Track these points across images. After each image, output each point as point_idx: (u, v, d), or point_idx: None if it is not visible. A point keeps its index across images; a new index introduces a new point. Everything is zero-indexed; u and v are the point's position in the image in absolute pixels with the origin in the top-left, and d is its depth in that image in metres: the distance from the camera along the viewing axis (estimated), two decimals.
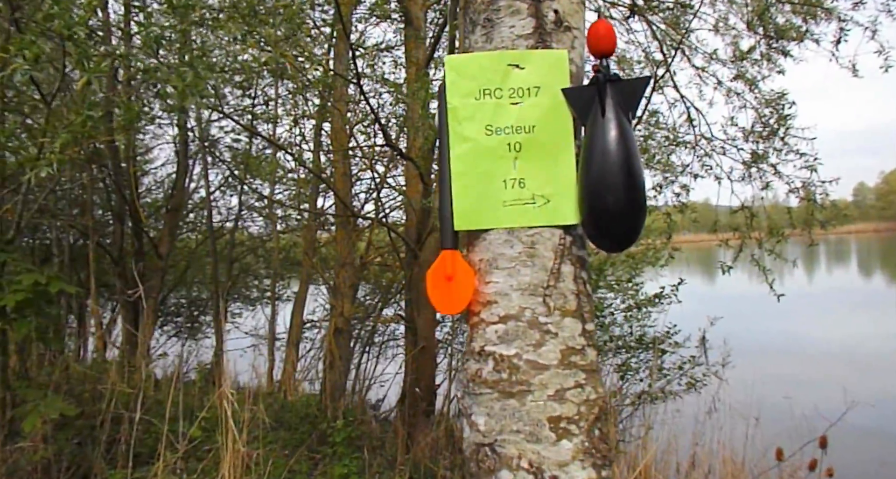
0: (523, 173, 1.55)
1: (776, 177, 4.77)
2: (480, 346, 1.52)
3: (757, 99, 4.85)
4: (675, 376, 5.83)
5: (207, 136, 8.77)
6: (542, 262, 1.51)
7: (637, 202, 1.45)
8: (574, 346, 1.49)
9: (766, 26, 4.58)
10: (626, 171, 1.44)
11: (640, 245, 6.73)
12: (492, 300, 1.52)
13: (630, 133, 1.47)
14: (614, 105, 1.48)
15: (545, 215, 1.53)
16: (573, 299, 1.51)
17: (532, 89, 1.55)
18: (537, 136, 1.55)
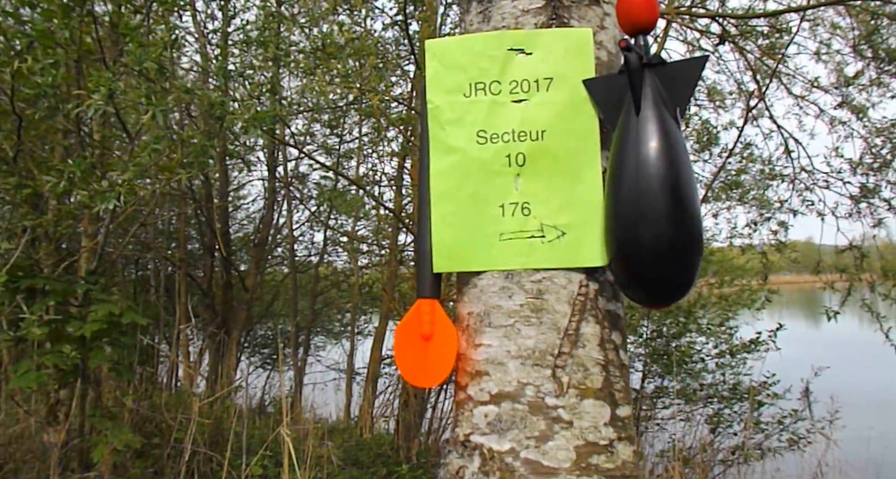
0: (528, 196, 1.15)
1: (891, 213, 4.34)
2: (466, 434, 1.13)
3: (866, 128, 4.49)
4: (774, 431, 5.31)
5: (295, 173, 9.06)
6: (552, 319, 1.11)
7: (687, 237, 1.05)
8: (597, 441, 1.07)
9: (875, 49, 4.23)
10: (671, 192, 1.03)
11: (736, 286, 6.31)
12: (482, 371, 1.13)
13: (678, 138, 1.06)
14: (654, 99, 1.07)
15: (559, 254, 1.13)
16: (598, 373, 1.10)
17: (542, 82, 1.16)
18: (549, 144, 1.15)
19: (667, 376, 5.89)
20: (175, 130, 5.05)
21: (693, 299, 6.21)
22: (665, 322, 6.10)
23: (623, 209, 1.06)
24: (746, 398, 5.48)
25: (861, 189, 4.47)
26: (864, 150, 4.48)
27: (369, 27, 4.63)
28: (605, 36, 1.21)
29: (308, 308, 9.75)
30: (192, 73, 6.13)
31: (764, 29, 4.73)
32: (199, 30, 5.81)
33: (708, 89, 5.86)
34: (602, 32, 1.21)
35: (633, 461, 1.11)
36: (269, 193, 8.65)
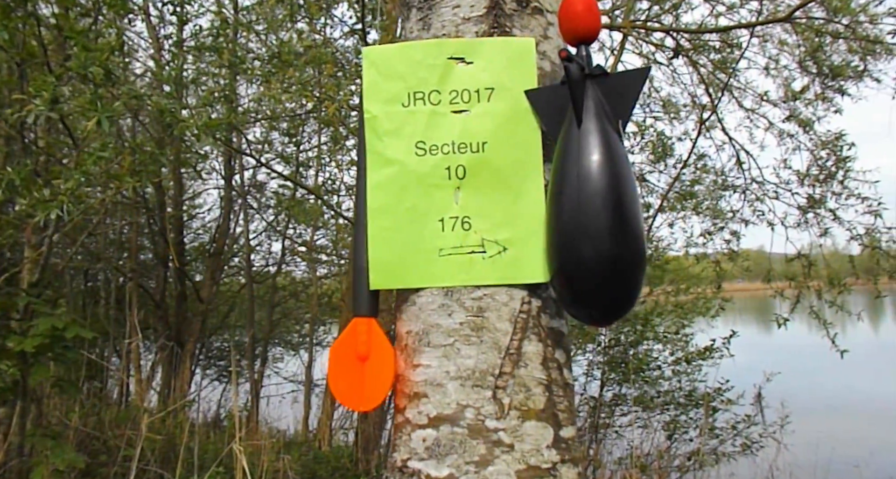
0: (469, 210, 1.11)
1: (836, 223, 4.48)
2: (403, 459, 1.07)
3: (812, 140, 4.63)
4: (728, 436, 5.42)
5: (253, 182, 8.92)
6: (493, 337, 1.06)
7: (630, 254, 1.01)
8: (539, 464, 1.03)
9: (820, 65, 4.38)
10: (614, 207, 0.99)
11: (691, 294, 6.42)
12: (420, 393, 1.08)
13: (620, 151, 1.03)
14: (596, 111, 1.04)
15: (500, 270, 1.09)
16: (540, 394, 1.06)
17: (483, 92, 1.13)
18: (490, 156, 1.11)
19: (624, 383, 5.95)
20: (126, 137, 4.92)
21: (650, 307, 6.31)
22: (623, 330, 6.17)
23: (564, 225, 1.03)
24: (702, 405, 5.58)
25: (808, 200, 4.61)
26: (810, 162, 4.64)
27: (328, 36, 4.60)
28: (548, 46, 1.19)
29: (265, 319, 9.58)
30: (145, 79, 5.99)
31: (716, 44, 4.86)
32: (153, 34, 5.68)
33: (663, 101, 5.98)
34: (545, 42, 1.19)
35: None
36: (225, 202, 8.50)
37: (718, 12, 4.85)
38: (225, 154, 7.55)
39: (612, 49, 5.56)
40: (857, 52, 4.34)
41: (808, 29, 4.31)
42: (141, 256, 8.58)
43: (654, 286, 6.34)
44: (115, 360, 8.06)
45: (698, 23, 4.77)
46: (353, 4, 3.83)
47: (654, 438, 5.60)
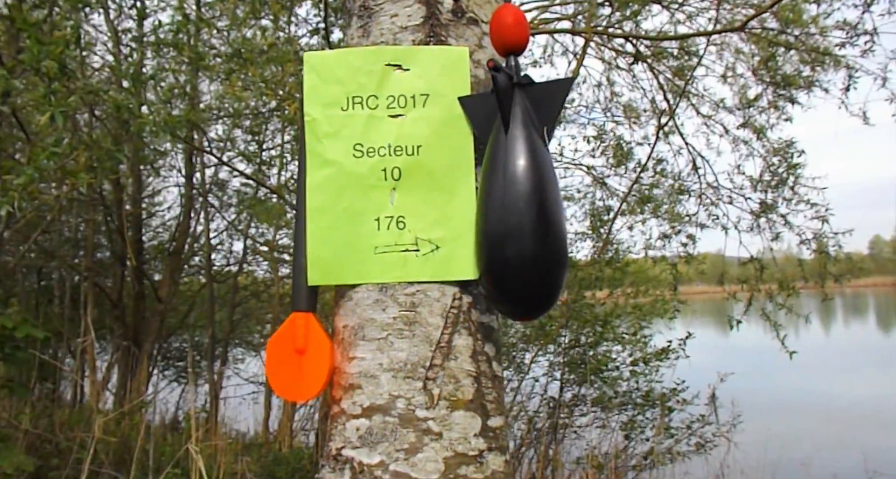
0: (404, 210, 1.17)
1: (786, 228, 4.63)
2: (338, 448, 1.13)
3: (765, 147, 4.77)
4: (683, 435, 5.54)
5: (214, 180, 8.79)
6: (425, 331, 1.12)
7: (551, 253, 1.07)
8: (466, 452, 1.09)
9: (772, 74, 4.52)
10: (537, 209, 1.05)
11: (650, 296, 6.53)
12: (355, 384, 1.13)
13: (545, 156, 1.09)
14: (523, 118, 1.10)
15: (433, 267, 1.15)
16: (469, 385, 1.12)
17: (419, 97, 1.18)
18: (424, 159, 1.17)
19: (584, 384, 6.03)
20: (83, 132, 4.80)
21: (610, 309, 6.40)
22: (583, 332, 6.25)
23: (491, 225, 1.08)
24: (658, 405, 5.69)
25: (761, 205, 4.75)
26: (763, 168, 4.78)
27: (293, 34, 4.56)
28: (483, 55, 1.24)
29: (226, 319, 9.44)
30: (103, 73, 5.86)
31: (674, 51, 4.97)
32: (112, 28, 5.56)
33: (624, 106, 6.10)
34: (480, 51, 1.24)
35: (503, 471, 1.12)
36: (185, 200, 8.35)
37: (678, 20, 4.98)
38: (185, 151, 7.42)
39: (574, 53, 5.65)
40: (807, 62, 4.49)
41: (762, 39, 4.45)
42: (98, 254, 8.39)
43: (613, 288, 6.44)
44: (69, 361, 7.86)
45: (658, 30, 4.88)
46: (316, 3, 3.83)
47: (611, 438, 5.69)
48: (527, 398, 6.39)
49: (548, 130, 1.12)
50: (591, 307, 6.19)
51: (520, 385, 6.33)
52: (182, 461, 3.97)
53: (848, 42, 3.95)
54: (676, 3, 4.88)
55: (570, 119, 6.52)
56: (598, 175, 5.98)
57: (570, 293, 6.20)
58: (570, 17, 5.14)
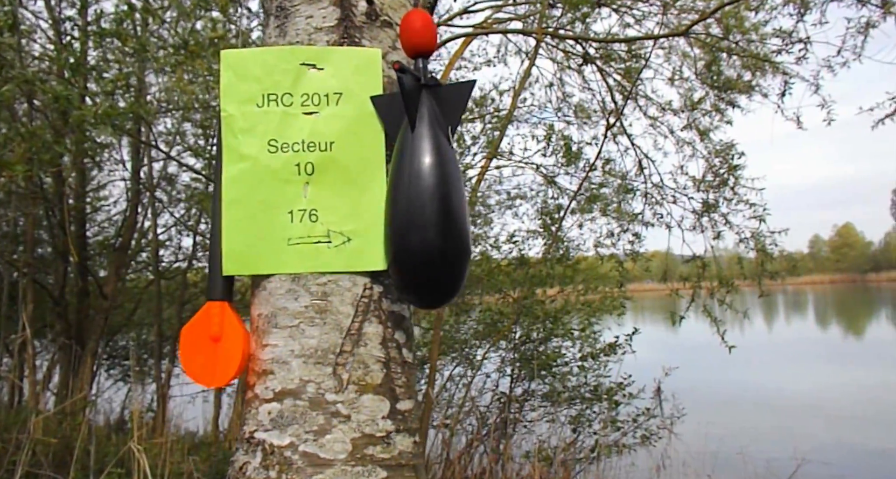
0: (316, 203, 1.22)
1: (727, 227, 4.79)
2: (251, 431, 1.18)
3: (708, 149, 4.92)
4: (629, 428, 5.69)
5: (163, 174, 8.59)
6: (335, 319, 1.17)
7: (454, 245, 1.12)
8: (374, 433, 1.15)
9: (714, 78, 4.67)
10: (440, 203, 1.11)
11: (600, 292, 6.67)
12: (268, 370, 1.18)
13: (449, 154, 1.16)
14: (429, 118, 1.16)
15: (344, 258, 1.20)
16: (378, 370, 1.18)
17: (332, 96, 1.24)
18: (336, 155, 1.23)
19: (534, 379, 6.13)
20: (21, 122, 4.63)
21: (560, 305, 6.51)
22: (534, 328, 6.35)
23: (396, 218, 1.14)
24: (605, 399, 5.82)
25: (703, 205, 4.91)
26: (706, 169, 4.94)
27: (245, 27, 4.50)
28: (397, 56, 1.30)
29: (175, 317, 9.24)
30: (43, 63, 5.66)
31: (623, 54, 5.09)
32: (53, 16, 5.37)
33: (575, 107, 6.20)
34: (394, 53, 1.30)
35: (412, 451, 1.19)
36: (132, 194, 8.14)
37: (626, 23, 5.10)
38: (132, 145, 7.23)
39: (526, 53, 5.72)
40: (748, 68, 4.65)
41: (706, 44, 4.59)
42: (38, 249, 8.10)
43: (564, 285, 6.56)
44: (7, 360, 7.58)
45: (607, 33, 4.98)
46: None
47: (560, 431, 5.80)
48: (479, 394, 6.46)
49: (452, 129, 1.19)
50: (542, 304, 6.29)
51: (471, 382, 6.39)
52: (126, 461, 3.89)
53: (784, 49, 4.12)
54: (625, 6, 4.99)
55: (522, 118, 6.61)
56: (549, 174, 6.07)
57: (521, 290, 6.29)
58: (523, 17, 5.21)
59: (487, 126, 6.44)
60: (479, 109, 6.57)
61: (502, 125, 5.58)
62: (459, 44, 5.66)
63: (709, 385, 12.62)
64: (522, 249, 6.47)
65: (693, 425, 5.67)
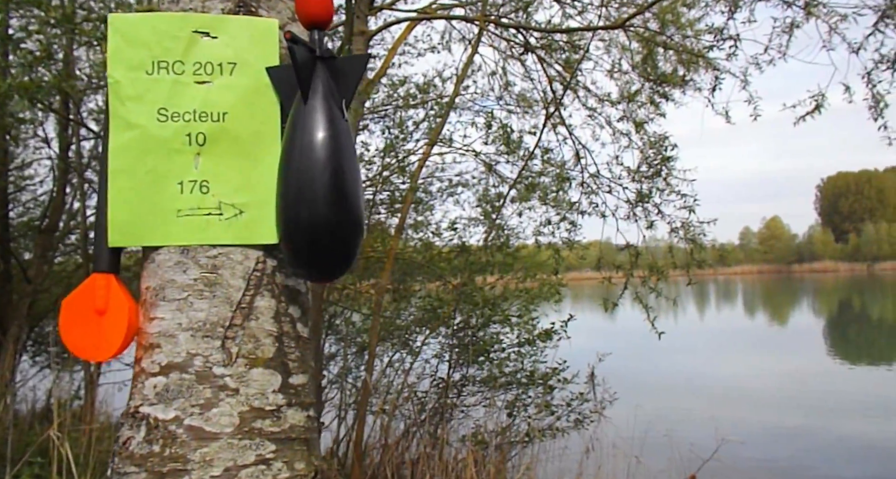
0: (208, 175, 1.19)
1: (659, 217, 4.94)
2: (136, 406, 1.16)
3: (643, 140, 5.06)
4: (563, 412, 5.83)
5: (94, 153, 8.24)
6: (226, 292, 1.16)
7: (344, 219, 1.12)
8: (263, 406, 1.14)
9: (651, 71, 4.79)
10: (332, 177, 1.10)
11: (538, 280, 6.78)
12: (155, 343, 1.16)
13: (342, 127, 1.14)
14: (323, 90, 1.15)
15: (236, 231, 1.19)
16: (270, 344, 1.17)
17: (226, 66, 1.21)
18: (230, 126, 1.20)
19: (473, 365, 6.20)
20: None
21: (499, 292, 6.59)
22: (473, 314, 6.41)
23: (287, 191, 1.13)
24: (541, 384, 5.95)
25: (637, 195, 5.05)
26: (640, 160, 5.08)
27: None
28: (296, 28, 1.28)
29: None
30: None
31: (563, 44, 5.16)
32: None
33: (517, 96, 6.26)
34: (293, 24, 1.28)
35: (304, 425, 1.19)
36: (59, 174, 7.78)
37: (568, 14, 5.16)
38: (59, 122, 6.90)
39: (469, 40, 5.73)
40: (683, 62, 4.79)
41: (644, 39, 4.70)
42: None
43: (504, 273, 6.64)
44: None
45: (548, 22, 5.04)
46: None
47: (497, 416, 5.90)
48: (418, 380, 6.49)
49: (346, 103, 1.18)
50: (482, 291, 6.35)
51: (410, 367, 6.41)
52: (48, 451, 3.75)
53: (715, 45, 4.26)
54: None
55: (465, 106, 6.62)
56: (489, 161, 6.12)
57: (461, 277, 6.34)
58: (466, 4, 5.21)
59: (430, 113, 6.43)
60: (423, 96, 6.55)
61: (444, 112, 5.58)
62: (403, 28, 5.63)
63: (641, 371, 13.09)
64: (463, 236, 6.52)
65: (624, 409, 5.87)
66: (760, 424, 9.51)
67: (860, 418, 10.01)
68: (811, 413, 10.38)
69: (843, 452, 8.26)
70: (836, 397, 11.59)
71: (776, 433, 9.05)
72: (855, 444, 8.61)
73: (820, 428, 9.50)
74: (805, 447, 8.46)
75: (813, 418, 10.09)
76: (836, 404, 11.06)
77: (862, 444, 8.61)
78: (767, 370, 14.83)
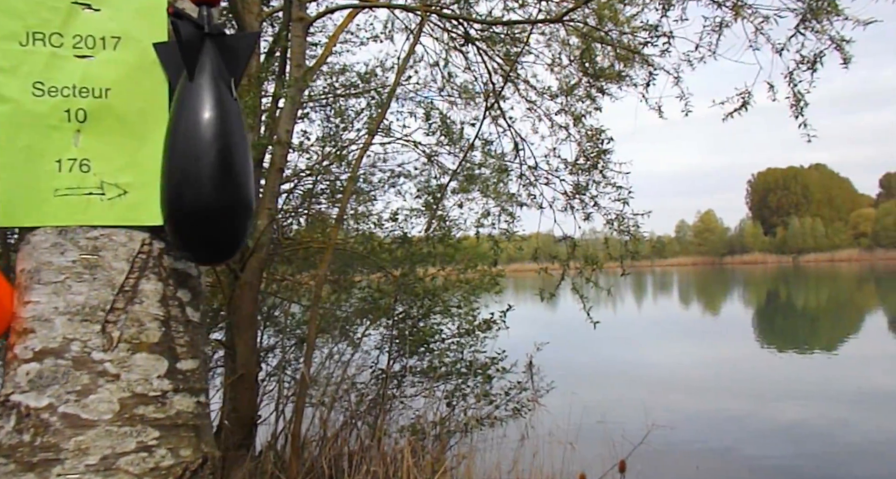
0: (89, 153, 1.14)
1: (595, 209, 5.04)
2: (6, 394, 1.12)
3: (581, 134, 5.13)
4: (502, 402, 5.91)
5: None
6: (107, 275, 1.12)
7: (231, 200, 1.09)
8: (146, 392, 1.11)
9: (589, 65, 4.87)
10: (218, 157, 1.07)
11: (477, 272, 6.83)
12: (29, 328, 1.12)
13: (230, 107, 1.11)
14: (210, 68, 1.11)
15: (118, 212, 1.14)
16: (156, 329, 1.14)
17: (109, 40, 1.15)
18: (113, 103, 1.15)
19: (412, 356, 6.21)
20: None
21: (440, 283, 6.61)
22: (415, 305, 6.41)
23: (171, 172, 1.09)
24: (480, 374, 6.01)
25: (574, 187, 5.13)
26: (578, 153, 5.16)
27: None
28: (186, 4, 1.24)
29: None
30: None
31: (504, 37, 5.18)
32: None
33: (459, 88, 6.26)
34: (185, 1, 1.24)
35: (193, 411, 1.16)
36: None
37: (510, 7, 5.18)
38: None
39: (412, 30, 5.69)
40: (620, 58, 4.89)
41: (581, 33, 4.77)
42: None
43: (445, 264, 6.66)
44: None
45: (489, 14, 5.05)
46: None
47: (437, 406, 5.93)
48: (358, 372, 6.46)
49: (235, 81, 1.14)
50: (423, 282, 6.36)
51: (350, 359, 6.37)
52: None
53: (650, 42, 4.36)
54: None
55: (407, 96, 6.59)
56: (430, 152, 6.12)
57: (402, 268, 6.32)
58: None
59: (372, 102, 6.37)
60: (364, 86, 6.48)
61: (385, 102, 5.53)
62: (345, 16, 5.54)
63: (578, 360, 13.40)
64: (405, 227, 6.50)
65: (560, 397, 5.99)
66: (690, 409, 9.92)
67: (785, 401, 10.54)
68: (739, 398, 10.86)
69: (768, 434, 8.68)
70: (762, 383, 12.15)
71: (705, 418, 9.45)
72: (779, 426, 9.06)
73: (747, 412, 9.96)
74: (732, 430, 8.84)
75: (740, 402, 10.56)
76: (763, 389, 11.61)
77: (785, 426, 9.07)
78: (699, 358, 15.42)
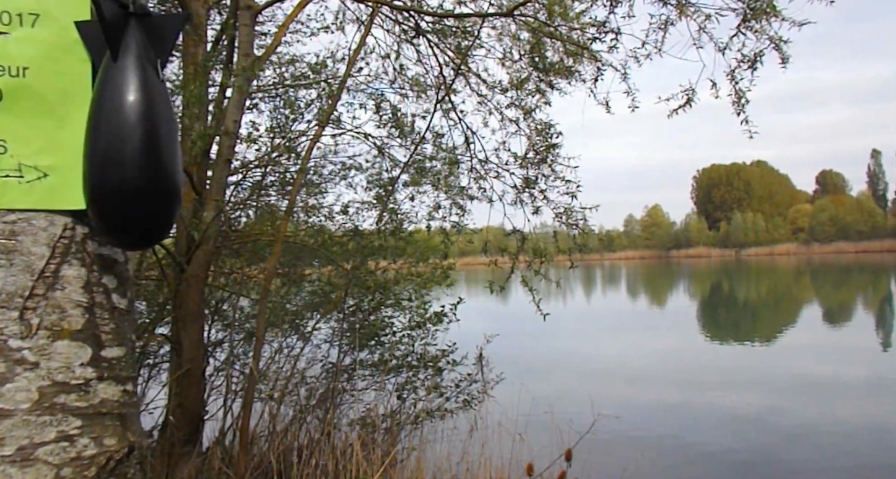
0: (6, 133, 1.11)
1: (544, 202, 5.10)
2: None
3: (530, 128, 5.18)
4: (452, 394, 5.95)
5: None
6: (26, 260, 1.09)
7: (156, 184, 1.07)
8: (68, 380, 1.09)
9: (540, 60, 4.92)
10: (143, 140, 1.05)
11: (429, 265, 6.84)
12: None
13: (156, 88, 1.10)
14: (136, 48, 1.09)
15: (38, 195, 1.12)
16: (79, 316, 1.12)
17: (27, 17, 1.11)
18: (32, 82, 1.11)
19: (363, 349, 6.18)
20: None
21: (391, 276, 6.59)
22: (365, 298, 6.38)
23: (94, 154, 1.08)
24: (431, 366, 6.03)
25: (524, 181, 5.19)
26: (527, 147, 5.22)
27: None
28: None
29: None
30: None
31: (455, 30, 5.19)
32: None
33: (411, 80, 6.23)
34: None
35: (119, 399, 1.15)
36: None
37: (461, 1, 5.18)
38: None
39: (363, 22, 5.64)
40: (570, 53, 4.95)
41: (531, 28, 4.82)
42: None
43: (396, 257, 6.64)
44: None
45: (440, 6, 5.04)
46: None
47: (387, 399, 5.93)
48: (308, 365, 6.40)
49: (161, 63, 1.13)
50: (373, 275, 6.33)
51: (300, 353, 6.31)
52: None
53: (598, 38, 4.43)
54: None
55: (358, 89, 6.53)
56: (380, 145, 6.08)
57: (353, 261, 6.27)
58: None
59: (323, 93, 6.29)
60: (315, 76, 6.39)
61: (336, 93, 5.47)
62: (295, 5, 5.45)
63: (528, 352, 13.60)
64: (356, 220, 6.45)
65: (510, 388, 6.06)
66: (636, 399, 10.21)
67: (725, 390, 10.92)
68: (683, 388, 11.21)
69: (711, 422, 8.99)
70: (704, 373, 12.57)
71: (650, 407, 9.73)
72: (719, 414, 9.39)
73: (689, 401, 10.29)
74: (675, 419, 9.13)
75: (683, 392, 10.91)
76: (705, 378, 12.00)
77: (725, 414, 9.40)
78: (645, 349, 15.84)
